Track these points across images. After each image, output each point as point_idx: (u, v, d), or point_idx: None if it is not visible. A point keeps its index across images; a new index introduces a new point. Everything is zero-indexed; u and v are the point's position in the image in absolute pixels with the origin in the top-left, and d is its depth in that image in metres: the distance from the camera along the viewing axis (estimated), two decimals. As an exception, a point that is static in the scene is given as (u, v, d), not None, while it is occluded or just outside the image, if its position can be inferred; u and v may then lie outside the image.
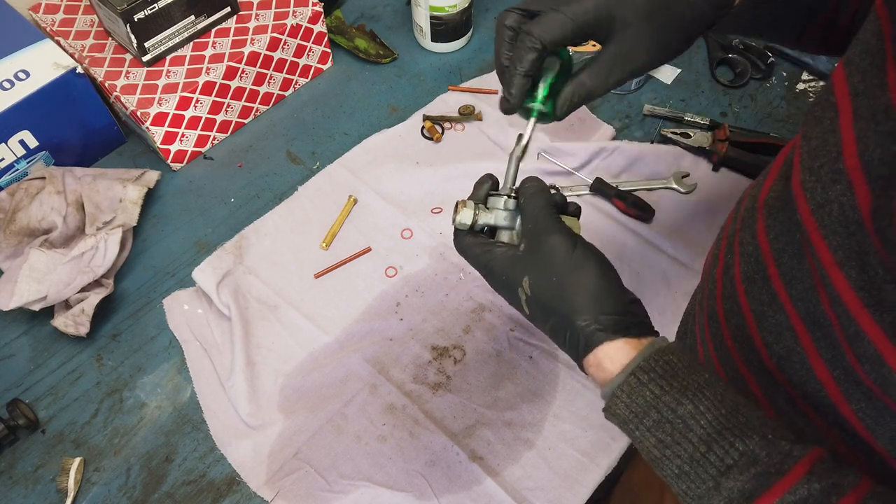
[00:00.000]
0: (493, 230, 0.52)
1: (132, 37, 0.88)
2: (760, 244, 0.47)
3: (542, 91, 0.51)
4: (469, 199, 0.52)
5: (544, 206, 0.49)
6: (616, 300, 0.46)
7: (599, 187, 0.91)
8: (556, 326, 0.46)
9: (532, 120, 0.52)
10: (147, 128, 0.89)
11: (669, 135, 0.95)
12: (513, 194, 0.52)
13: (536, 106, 0.51)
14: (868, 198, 0.35)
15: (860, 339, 0.38)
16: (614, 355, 0.44)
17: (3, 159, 0.87)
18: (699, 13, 0.49)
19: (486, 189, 0.53)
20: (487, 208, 0.52)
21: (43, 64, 0.86)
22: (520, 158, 0.53)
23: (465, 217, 0.50)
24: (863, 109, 0.37)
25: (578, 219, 0.54)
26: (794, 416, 0.47)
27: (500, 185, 0.53)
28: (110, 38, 0.95)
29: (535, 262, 0.47)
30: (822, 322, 0.41)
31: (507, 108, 0.51)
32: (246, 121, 1.01)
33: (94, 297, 0.81)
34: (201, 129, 0.96)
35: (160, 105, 0.89)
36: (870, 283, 0.36)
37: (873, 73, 0.37)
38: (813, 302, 0.42)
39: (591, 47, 1.08)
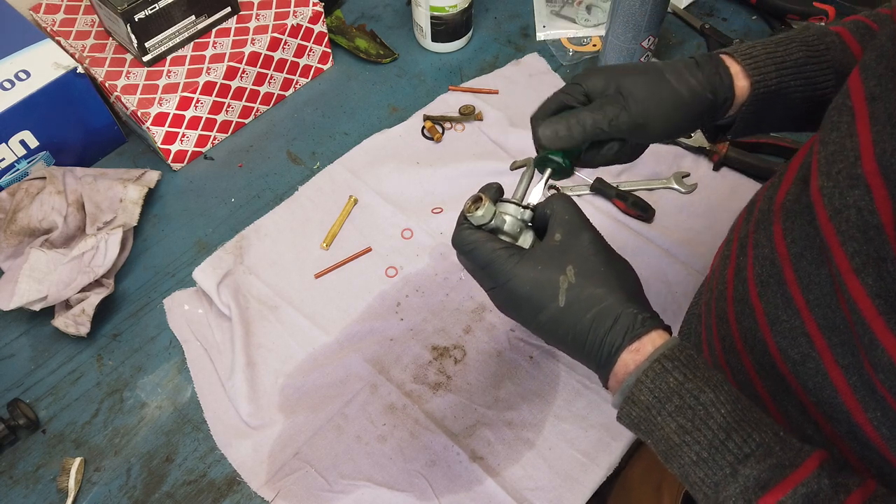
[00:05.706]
0: (493, 233, 0.51)
1: (132, 37, 0.88)
2: (777, 247, 0.47)
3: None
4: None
5: (574, 204, 0.50)
6: (644, 296, 0.49)
7: (600, 187, 0.91)
8: (603, 312, 0.45)
9: (548, 171, 0.54)
10: (147, 128, 0.90)
11: (670, 135, 0.95)
12: (531, 206, 0.51)
13: (555, 157, 0.54)
14: (888, 203, 0.35)
15: (875, 347, 0.38)
16: (656, 341, 0.45)
17: (3, 159, 0.87)
18: (694, 92, 0.53)
19: (492, 194, 0.52)
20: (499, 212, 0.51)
21: (43, 64, 0.86)
22: (531, 177, 0.54)
23: (488, 212, 0.49)
24: (879, 113, 0.37)
25: None
26: (804, 424, 0.47)
27: (510, 195, 0.53)
28: (111, 38, 0.95)
29: (578, 251, 0.47)
30: (840, 328, 0.41)
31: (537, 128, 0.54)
32: (246, 121, 1.01)
33: (95, 297, 0.81)
34: (202, 130, 0.96)
35: (161, 105, 0.89)
36: (886, 290, 0.36)
37: (888, 77, 0.37)
38: (832, 308, 0.42)
39: (591, 47, 1.08)
